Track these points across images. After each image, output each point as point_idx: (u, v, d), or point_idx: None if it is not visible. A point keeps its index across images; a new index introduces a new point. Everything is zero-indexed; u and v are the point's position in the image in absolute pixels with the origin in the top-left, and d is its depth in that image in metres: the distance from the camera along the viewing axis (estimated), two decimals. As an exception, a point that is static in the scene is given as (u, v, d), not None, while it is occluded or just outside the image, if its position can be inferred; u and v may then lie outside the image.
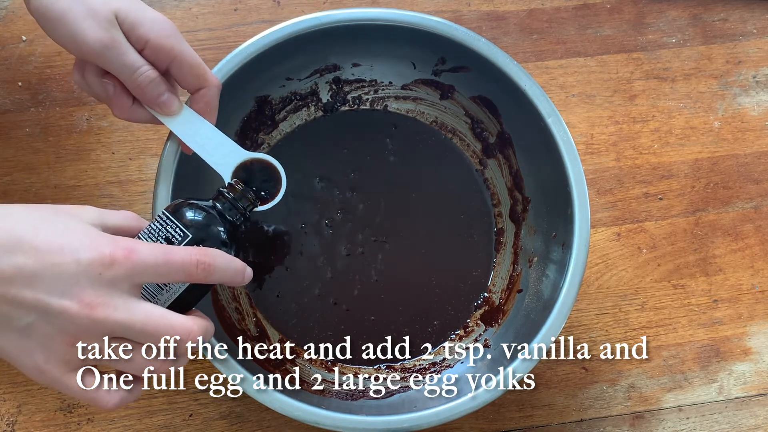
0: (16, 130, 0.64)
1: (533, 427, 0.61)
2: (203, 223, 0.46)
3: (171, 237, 0.44)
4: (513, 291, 0.60)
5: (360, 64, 0.62)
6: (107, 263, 0.39)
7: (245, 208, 0.49)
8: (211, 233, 0.46)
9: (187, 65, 0.49)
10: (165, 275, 0.41)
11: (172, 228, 0.44)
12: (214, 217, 0.46)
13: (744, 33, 0.72)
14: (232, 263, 0.44)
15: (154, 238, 0.44)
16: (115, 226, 0.44)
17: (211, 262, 0.42)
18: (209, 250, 0.43)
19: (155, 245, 0.42)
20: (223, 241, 0.46)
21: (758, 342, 0.64)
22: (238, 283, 0.45)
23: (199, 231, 0.45)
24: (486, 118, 0.62)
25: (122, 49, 0.47)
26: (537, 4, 0.71)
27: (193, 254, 0.42)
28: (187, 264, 0.41)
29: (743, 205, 0.67)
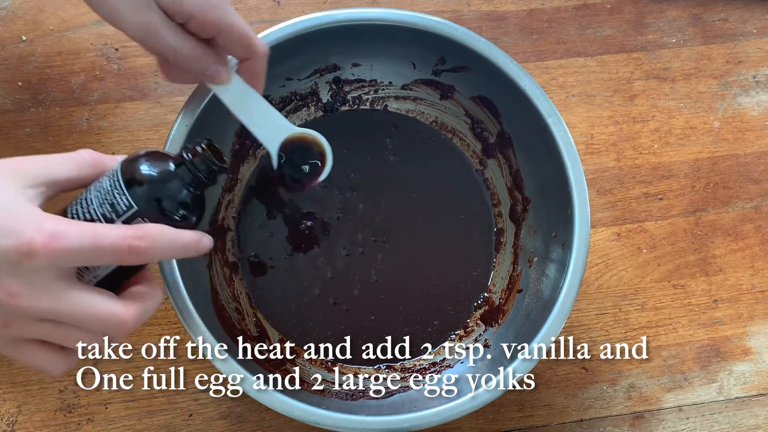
0: (16, 130, 0.64)
1: (533, 427, 0.61)
2: (153, 194, 0.41)
3: (116, 205, 0.41)
4: (513, 291, 0.60)
5: (360, 64, 0.62)
6: (26, 253, 0.37)
7: (206, 176, 0.43)
8: (160, 206, 0.41)
9: (233, 36, 0.47)
10: (92, 260, 0.39)
11: (119, 194, 0.41)
12: (169, 186, 0.42)
13: (744, 33, 0.72)
14: (177, 241, 0.41)
15: (99, 201, 0.41)
16: (64, 179, 0.42)
17: (147, 246, 0.39)
18: (148, 231, 0.39)
19: (83, 228, 0.38)
20: (174, 214, 0.42)
21: (758, 342, 0.64)
22: (191, 256, 0.42)
23: (146, 204, 0.41)
24: (486, 118, 0.62)
25: (159, 33, 0.45)
26: (537, 4, 0.71)
27: (126, 237, 0.38)
28: (117, 249, 0.38)
29: (743, 205, 0.67)
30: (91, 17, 0.67)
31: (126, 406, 0.58)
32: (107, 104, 0.65)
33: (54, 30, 0.66)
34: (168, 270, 0.49)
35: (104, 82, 0.65)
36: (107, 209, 0.41)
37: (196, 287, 0.52)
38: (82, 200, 0.42)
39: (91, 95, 0.65)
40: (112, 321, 0.40)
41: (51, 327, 0.40)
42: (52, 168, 0.41)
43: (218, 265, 0.59)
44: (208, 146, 0.43)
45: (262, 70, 0.50)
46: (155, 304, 0.42)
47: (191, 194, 0.43)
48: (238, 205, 0.61)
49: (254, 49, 0.49)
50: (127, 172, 0.41)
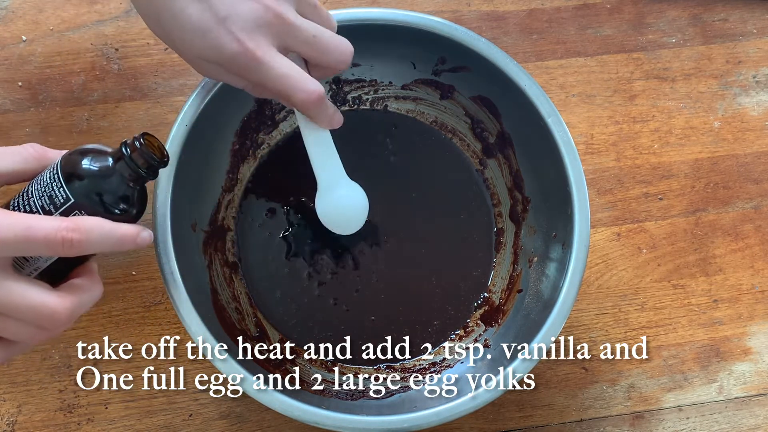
0: (16, 130, 0.64)
1: (533, 427, 0.61)
2: (90, 188, 0.41)
3: (53, 197, 0.41)
4: (513, 291, 0.60)
5: (360, 64, 0.62)
6: None
7: (144, 171, 0.43)
8: (98, 199, 0.41)
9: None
10: (26, 252, 0.39)
11: (57, 186, 0.41)
12: (108, 180, 0.42)
13: (744, 33, 0.72)
14: (113, 234, 0.41)
15: (39, 194, 0.41)
16: (8, 171, 0.42)
17: (82, 238, 0.39)
18: (82, 224, 0.39)
19: (17, 218, 0.38)
20: (112, 207, 0.42)
21: (758, 342, 0.64)
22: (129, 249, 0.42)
23: (84, 197, 0.41)
24: (486, 118, 0.62)
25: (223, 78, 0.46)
26: (537, 4, 0.71)
27: (60, 230, 0.38)
28: (50, 241, 0.38)
29: (743, 205, 0.67)
30: (91, 17, 0.67)
31: (126, 406, 0.58)
32: (107, 104, 0.65)
33: (54, 30, 0.66)
34: (168, 270, 0.49)
35: (104, 82, 0.65)
36: (45, 201, 0.41)
37: (196, 287, 0.52)
38: (24, 193, 0.42)
39: (91, 95, 0.65)
40: (45, 312, 0.39)
41: None
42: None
43: (218, 265, 0.59)
44: (147, 141, 0.43)
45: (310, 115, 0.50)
46: (93, 297, 0.42)
47: (130, 188, 0.43)
48: (238, 205, 0.61)
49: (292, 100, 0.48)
50: (67, 166, 0.42)
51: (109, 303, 0.60)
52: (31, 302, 0.39)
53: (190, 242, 0.56)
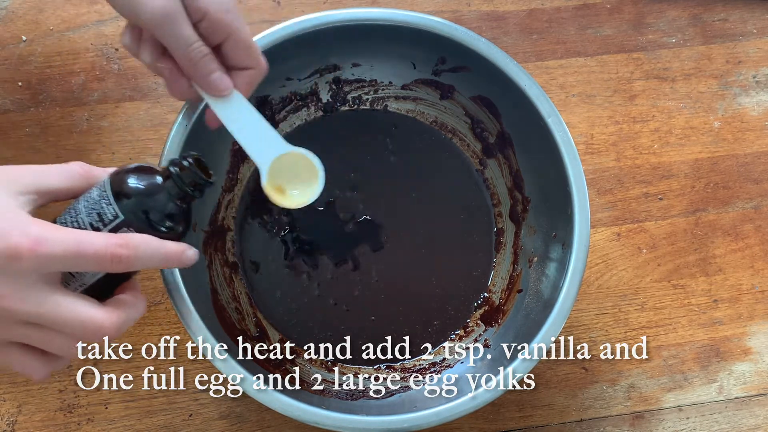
0: (16, 130, 0.64)
1: (533, 427, 0.61)
2: (139, 206, 0.42)
3: (102, 214, 0.41)
4: (513, 291, 0.60)
5: (360, 64, 0.62)
6: (11, 256, 0.37)
7: (192, 190, 0.44)
8: (146, 217, 0.42)
9: (242, 42, 0.48)
10: (76, 266, 0.39)
11: (106, 204, 0.41)
12: (156, 198, 0.43)
13: (744, 33, 0.72)
14: (160, 251, 0.41)
15: (87, 211, 0.41)
16: (55, 189, 0.42)
17: (130, 254, 0.40)
18: (131, 240, 0.40)
19: (68, 234, 0.39)
20: (159, 225, 0.42)
21: (758, 342, 0.64)
22: (174, 267, 0.43)
23: (133, 215, 0.41)
24: (486, 118, 0.62)
25: (180, 21, 0.45)
26: (537, 4, 0.71)
27: (109, 245, 0.39)
28: (101, 257, 0.39)
29: (743, 205, 0.67)
30: (90, 17, 0.67)
31: (126, 406, 0.58)
32: (107, 104, 0.65)
33: (54, 30, 0.66)
34: (168, 270, 0.49)
35: (104, 82, 0.65)
36: (94, 218, 0.41)
37: (196, 287, 0.52)
38: (71, 209, 0.43)
39: (91, 95, 0.65)
40: (92, 326, 0.40)
41: (34, 330, 0.40)
42: (44, 177, 0.42)
43: (218, 265, 0.59)
44: (195, 161, 0.44)
45: (255, 85, 0.50)
46: (137, 313, 0.43)
47: (177, 207, 0.44)
48: (238, 205, 0.61)
49: (258, 61, 0.49)
50: (116, 184, 0.42)
51: (109, 303, 0.60)
52: (79, 316, 0.40)
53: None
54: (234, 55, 0.48)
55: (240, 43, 0.48)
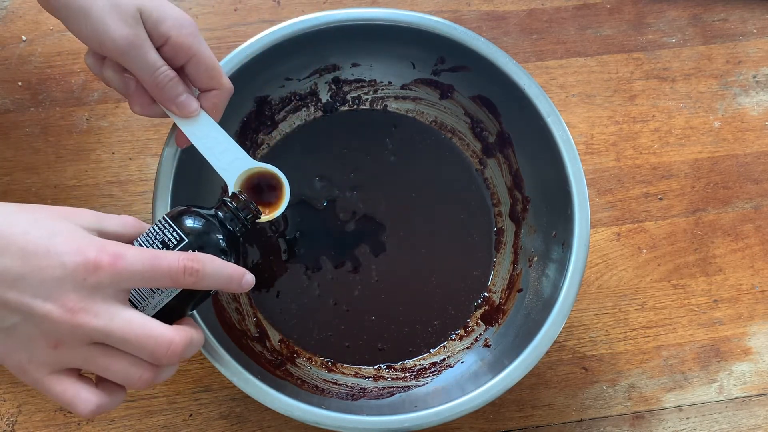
0: (16, 130, 0.64)
1: (533, 427, 0.61)
2: (201, 230, 0.45)
3: (167, 241, 0.43)
4: (513, 290, 0.60)
5: (359, 64, 0.62)
6: (92, 268, 0.39)
7: (246, 219, 0.48)
8: (208, 240, 0.45)
9: (203, 65, 0.49)
10: (151, 281, 0.41)
11: (169, 232, 0.44)
12: (213, 225, 0.45)
13: (744, 33, 0.72)
14: (225, 269, 0.43)
15: (151, 241, 0.44)
16: (113, 232, 0.44)
17: (200, 269, 0.41)
18: (199, 256, 0.42)
19: (143, 250, 0.41)
20: (221, 248, 0.45)
21: (758, 342, 0.64)
22: (235, 290, 0.45)
23: (196, 237, 0.44)
24: (486, 117, 0.62)
25: (145, 48, 0.47)
26: (537, 4, 0.71)
27: (181, 260, 0.41)
28: (174, 270, 0.41)
29: (743, 205, 0.67)
30: (91, 17, 0.67)
31: (126, 406, 0.58)
32: (107, 104, 0.65)
33: (54, 30, 0.66)
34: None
35: (104, 82, 0.65)
36: (158, 246, 0.43)
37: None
38: None
39: (91, 95, 0.65)
40: (163, 342, 0.40)
41: (100, 352, 0.40)
42: (102, 219, 0.44)
43: (218, 265, 0.59)
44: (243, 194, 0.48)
45: (223, 104, 0.52)
46: (201, 340, 0.44)
47: (232, 235, 0.47)
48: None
49: (220, 82, 0.51)
50: (176, 216, 0.45)
51: (109, 303, 0.60)
52: (150, 331, 0.40)
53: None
54: (197, 76, 0.50)
55: (201, 65, 0.49)
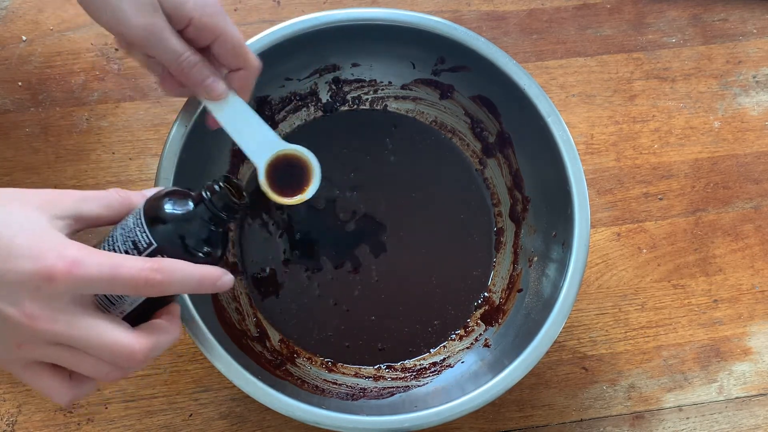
0: (16, 130, 0.64)
1: (533, 427, 0.61)
2: (172, 232, 0.42)
3: (138, 242, 0.41)
4: (513, 290, 0.60)
5: (359, 64, 0.62)
6: (46, 277, 0.37)
7: (225, 214, 0.43)
8: (179, 243, 0.42)
9: (229, 44, 0.48)
10: (110, 289, 0.40)
11: (140, 231, 0.41)
12: (189, 223, 0.42)
13: (744, 33, 0.72)
14: (194, 275, 0.41)
15: (123, 239, 0.42)
16: (93, 215, 0.42)
17: (164, 279, 0.39)
18: (165, 264, 0.40)
19: (103, 257, 0.39)
20: (194, 251, 0.42)
21: (758, 342, 0.64)
22: (209, 292, 0.43)
23: (165, 241, 0.41)
24: (486, 117, 0.62)
25: (164, 35, 0.46)
26: (537, 4, 0.71)
27: (143, 270, 0.39)
28: (134, 280, 0.39)
29: (743, 205, 0.67)
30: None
31: (126, 406, 0.58)
32: (107, 104, 0.65)
33: (54, 30, 0.66)
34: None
35: (104, 82, 0.65)
36: (129, 246, 0.42)
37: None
38: (110, 238, 0.43)
39: (91, 95, 0.65)
40: (123, 351, 0.40)
41: (64, 351, 0.40)
42: (82, 204, 0.42)
43: (218, 265, 0.59)
44: (227, 183, 0.43)
45: (251, 84, 0.51)
46: (171, 339, 0.43)
47: (211, 231, 0.43)
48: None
49: (248, 61, 0.49)
50: (149, 211, 0.42)
51: (109, 303, 0.60)
52: (110, 340, 0.40)
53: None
54: (223, 56, 0.49)
55: (227, 44, 0.48)
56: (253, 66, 0.50)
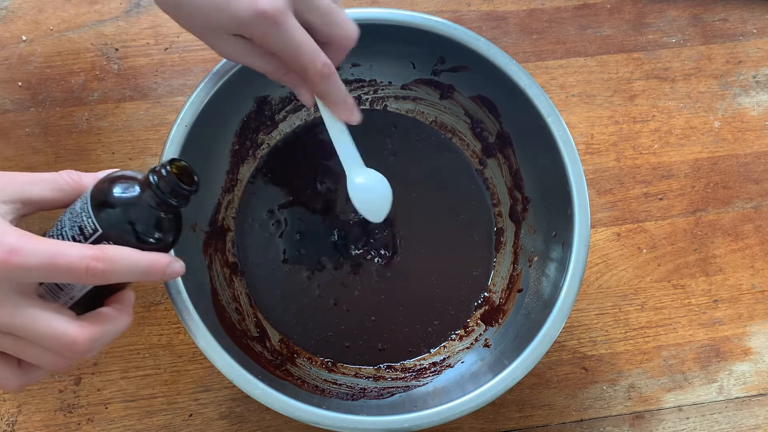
0: (16, 130, 0.64)
1: (533, 427, 0.61)
2: (118, 218, 0.40)
3: (84, 227, 0.40)
4: (513, 290, 0.60)
5: (359, 64, 0.62)
6: None
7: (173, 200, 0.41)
8: (125, 230, 0.40)
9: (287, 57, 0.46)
10: (51, 278, 0.39)
11: (86, 216, 0.40)
12: (136, 208, 0.41)
13: (744, 33, 0.72)
14: (140, 263, 0.40)
15: (71, 224, 0.41)
16: (42, 199, 0.42)
17: (105, 268, 0.38)
18: (108, 252, 0.39)
19: (44, 245, 0.38)
20: (140, 237, 0.41)
21: (758, 342, 0.64)
22: (157, 280, 0.41)
23: (111, 228, 0.40)
24: (486, 117, 0.62)
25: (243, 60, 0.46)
26: (537, 4, 0.71)
27: (85, 258, 0.38)
28: (75, 269, 0.38)
29: (743, 205, 0.67)
30: (91, 17, 0.67)
31: (126, 407, 0.58)
32: (107, 104, 0.65)
33: (54, 30, 0.66)
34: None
35: (104, 82, 0.65)
36: (76, 232, 0.41)
37: (196, 287, 0.52)
38: (59, 222, 0.42)
39: (91, 95, 0.65)
40: (65, 341, 0.39)
41: (8, 339, 0.40)
42: (31, 187, 0.41)
43: (218, 265, 0.59)
44: (175, 168, 0.41)
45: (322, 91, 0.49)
46: (117, 327, 0.42)
47: (159, 217, 0.42)
48: (238, 206, 0.61)
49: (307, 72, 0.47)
50: (96, 196, 0.41)
51: (109, 303, 0.60)
52: (51, 330, 0.39)
53: (190, 242, 0.56)
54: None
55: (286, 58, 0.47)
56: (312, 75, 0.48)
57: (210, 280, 0.57)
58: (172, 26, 0.66)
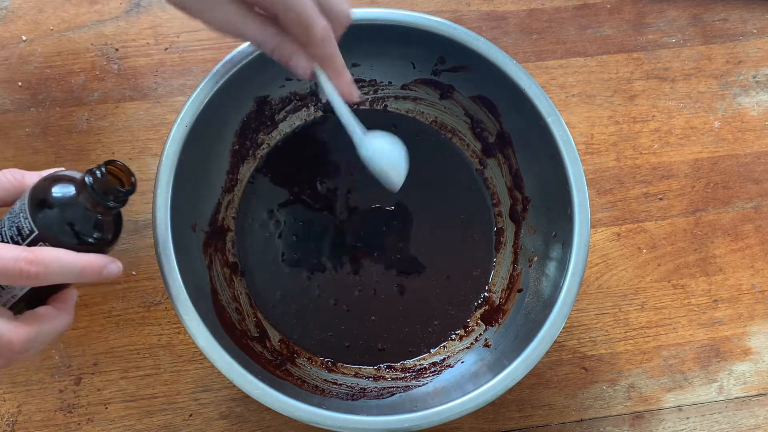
0: (16, 130, 0.64)
1: (533, 427, 0.61)
2: (54, 219, 0.40)
3: (21, 228, 0.40)
4: (513, 290, 0.60)
5: (359, 64, 0.62)
6: None
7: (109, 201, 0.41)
8: (61, 230, 0.40)
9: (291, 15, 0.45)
10: None
11: (23, 217, 0.40)
12: (72, 208, 0.41)
13: (744, 33, 0.72)
14: (75, 264, 0.40)
15: (9, 224, 0.41)
16: None
17: (39, 271, 0.39)
18: (42, 255, 0.39)
19: None
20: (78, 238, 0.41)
21: (758, 342, 0.64)
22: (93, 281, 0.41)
23: (47, 229, 0.40)
24: (486, 117, 0.62)
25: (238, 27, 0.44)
26: (537, 4, 0.71)
27: (18, 260, 0.38)
28: (9, 271, 0.38)
29: (743, 205, 0.67)
30: (91, 17, 0.67)
31: (126, 406, 0.58)
32: (107, 104, 0.65)
33: (54, 30, 0.66)
34: (168, 270, 0.49)
35: (104, 82, 0.65)
36: (14, 232, 0.41)
37: (196, 287, 0.52)
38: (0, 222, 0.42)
39: (91, 95, 0.65)
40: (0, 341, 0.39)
41: None
42: None
43: (218, 265, 0.59)
44: (111, 169, 0.41)
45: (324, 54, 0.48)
46: (56, 326, 0.42)
47: (96, 218, 0.42)
48: (238, 206, 0.61)
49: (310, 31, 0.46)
50: (33, 196, 0.41)
51: (110, 303, 0.60)
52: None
53: (190, 243, 0.56)
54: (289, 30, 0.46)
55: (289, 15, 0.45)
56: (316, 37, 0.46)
57: (210, 280, 0.57)
58: (172, 26, 0.67)
